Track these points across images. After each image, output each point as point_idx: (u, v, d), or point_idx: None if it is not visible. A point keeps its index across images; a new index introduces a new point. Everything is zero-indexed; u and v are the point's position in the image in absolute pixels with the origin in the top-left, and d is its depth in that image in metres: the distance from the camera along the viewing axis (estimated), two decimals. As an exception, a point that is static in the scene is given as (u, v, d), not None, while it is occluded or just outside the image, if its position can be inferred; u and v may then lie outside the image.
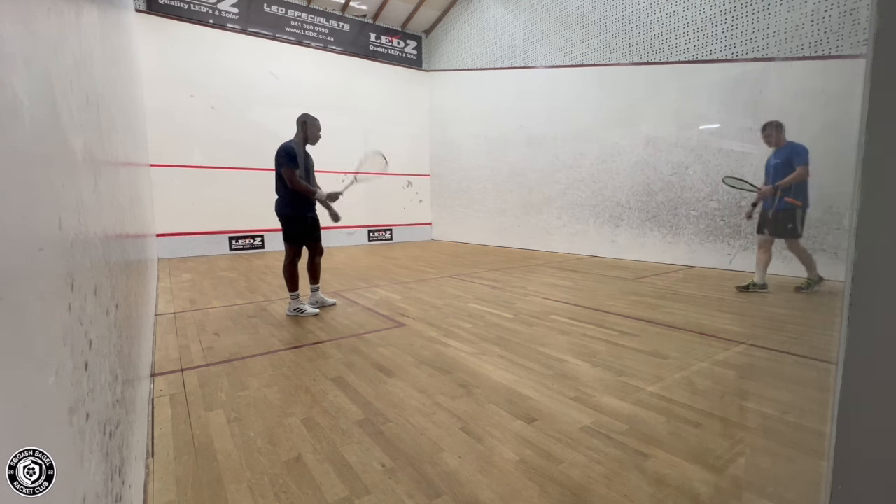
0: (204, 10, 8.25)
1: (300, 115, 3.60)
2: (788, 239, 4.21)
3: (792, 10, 4.98)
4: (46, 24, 0.63)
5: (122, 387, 1.12)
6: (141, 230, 3.07)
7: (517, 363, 2.46)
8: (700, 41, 5.89)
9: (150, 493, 1.38)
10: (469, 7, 9.89)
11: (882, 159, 0.42)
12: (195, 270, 6.29)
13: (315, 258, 3.85)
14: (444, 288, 4.73)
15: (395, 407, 1.94)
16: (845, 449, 0.45)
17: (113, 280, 1.16)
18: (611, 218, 7.20)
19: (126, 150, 2.29)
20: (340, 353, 2.66)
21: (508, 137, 9.08)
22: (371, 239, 10.53)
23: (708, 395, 2.01)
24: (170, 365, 2.51)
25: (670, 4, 6.18)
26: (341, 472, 1.47)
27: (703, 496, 1.33)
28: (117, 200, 1.53)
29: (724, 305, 3.76)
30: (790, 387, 2.14)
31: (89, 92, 1.03)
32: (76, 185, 0.77)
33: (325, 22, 9.69)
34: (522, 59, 8.69)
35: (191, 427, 1.79)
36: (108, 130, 1.40)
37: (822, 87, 4.75)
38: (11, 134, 0.45)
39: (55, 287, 0.57)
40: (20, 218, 0.46)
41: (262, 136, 8.78)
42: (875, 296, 0.43)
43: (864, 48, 0.42)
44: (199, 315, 3.66)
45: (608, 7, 7.00)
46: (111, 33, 1.93)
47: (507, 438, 1.67)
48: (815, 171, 4.87)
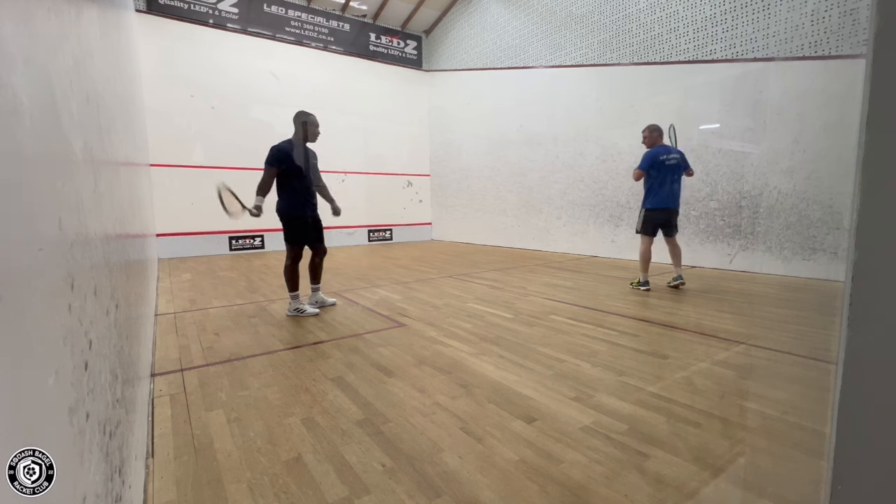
0: (204, 10, 8.25)
1: (298, 114, 3.60)
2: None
3: (792, 10, 4.98)
4: (46, 24, 0.63)
5: (122, 387, 1.12)
6: (141, 230, 3.07)
7: (517, 363, 2.46)
8: (700, 41, 5.89)
9: (150, 493, 1.38)
10: (469, 7, 9.88)
11: (882, 159, 0.42)
12: (195, 270, 6.29)
13: (315, 258, 3.83)
14: (444, 288, 4.73)
15: (395, 407, 1.94)
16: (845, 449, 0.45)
17: (113, 280, 1.16)
18: (611, 218, 7.20)
19: (126, 150, 2.29)
20: (340, 353, 2.66)
21: (508, 137, 9.08)
22: (371, 239, 10.53)
23: (708, 395, 2.01)
24: (170, 365, 2.51)
25: (670, 4, 6.18)
26: (341, 472, 1.47)
27: (704, 496, 1.33)
28: (117, 200, 1.53)
29: (724, 305, 3.76)
30: (790, 387, 2.14)
31: (89, 92, 1.03)
32: (76, 185, 0.77)
33: (325, 22, 9.69)
34: (522, 59, 8.69)
35: (191, 427, 1.79)
36: (108, 130, 1.40)
37: (822, 87, 4.75)
38: (11, 134, 0.45)
39: (55, 287, 0.57)
40: (20, 218, 0.46)
41: (262, 137, 8.78)
42: (875, 296, 0.43)
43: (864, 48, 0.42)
44: (199, 315, 3.66)
45: (608, 7, 7.00)
46: (111, 33, 1.93)
47: (507, 438, 1.67)
48: (815, 170, 4.88)
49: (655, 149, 4.43)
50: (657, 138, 4.49)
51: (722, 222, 5.75)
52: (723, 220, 5.74)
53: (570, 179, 7.81)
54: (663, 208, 4.44)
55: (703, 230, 5.96)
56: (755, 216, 5.43)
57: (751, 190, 5.44)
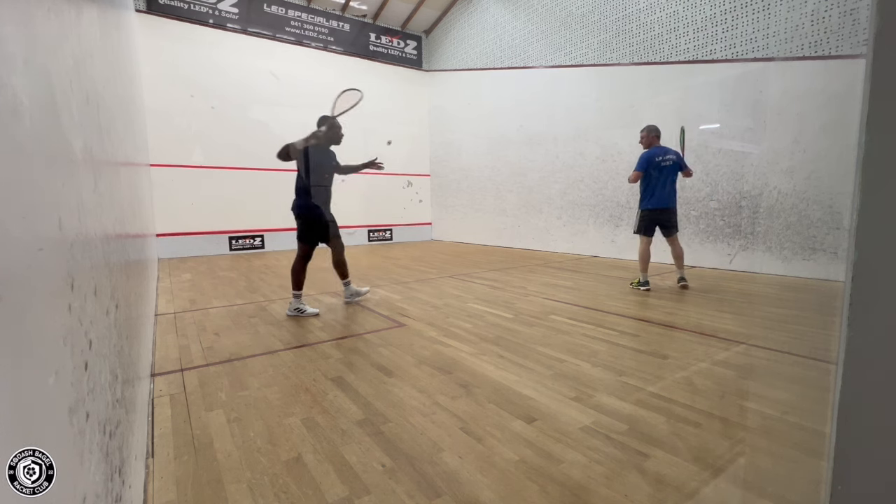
0: (204, 10, 8.25)
1: (328, 118, 3.76)
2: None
3: (792, 10, 4.98)
4: (46, 24, 0.63)
5: (122, 387, 1.12)
6: (141, 230, 3.07)
7: (517, 363, 2.46)
8: (700, 41, 5.89)
9: (150, 493, 1.38)
10: (469, 7, 9.88)
11: (882, 159, 0.42)
12: (195, 270, 6.29)
13: (333, 256, 3.90)
14: (444, 288, 4.73)
15: (395, 407, 1.94)
16: (845, 449, 0.45)
17: (113, 280, 1.16)
18: (611, 218, 7.20)
19: (126, 150, 2.29)
20: (340, 353, 2.66)
21: (508, 137, 9.08)
22: (371, 239, 10.53)
23: (708, 395, 2.01)
24: (170, 365, 2.51)
25: (670, 4, 6.18)
26: (341, 472, 1.47)
27: (704, 496, 1.33)
28: (117, 200, 1.53)
29: (724, 305, 3.76)
30: (790, 387, 2.14)
31: (89, 92, 1.03)
32: (76, 185, 0.77)
33: (325, 22, 9.69)
34: (522, 59, 8.69)
35: (191, 427, 1.79)
36: (108, 130, 1.40)
37: (822, 87, 4.76)
38: (11, 134, 0.45)
39: (55, 287, 0.57)
40: (20, 218, 0.46)
41: (262, 136, 8.80)
42: (875, 296, 0.43)
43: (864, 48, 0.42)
44: (199, 315, 3.66)
45: (608, 7, 7.00)
46: (111, 33, 1.93)
47: (507, 438, 1.67)
48: (815, 170, 4.88)
49: (652, 150, 4.47)
50: (654, 139, 4.52)
51: (722, 222, 5.75)
52: (723, 220, 5.74)
53: (570, 179, 7.81)
54: (661, 208, 4.46)
55: (703, 230, 5.96)
56: (755, 216, 5.43)
57: (751, 190, 5.44)
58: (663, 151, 4.42)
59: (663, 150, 4.43)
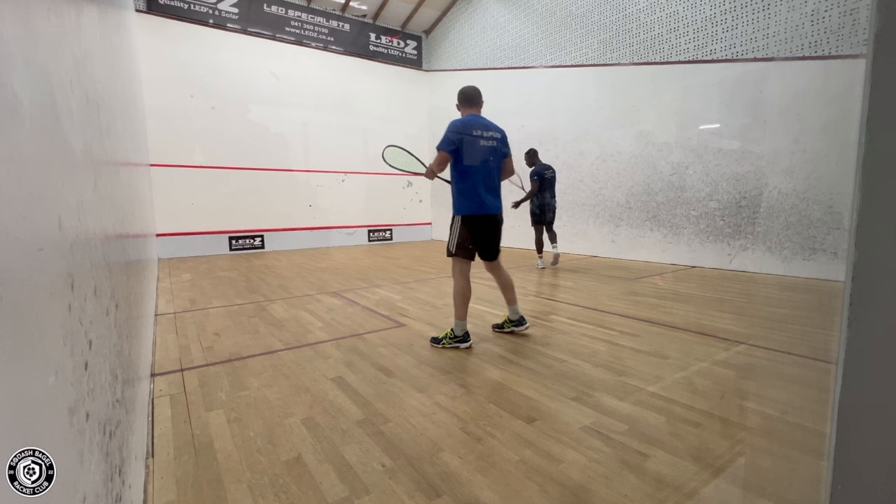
0: (204, 10, 8.25)
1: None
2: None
3: (792, 10, 4.98)
4: (46, 24, 0.63)
5: (122, 387, 1.12)
6: (141, 230, 3.07)
7: (517, 363, 2.46)
8: (700, 41, 5.89)
9: (150, 493, 1.38)
10: (469, 7, 9.88)
11: (882, 159, 0.42)
12: (195, 270, 6.29)
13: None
14: (444, 288, 4.73)
15: (395, 407, 1.94)
16: (845, 449, 0.45)
17: (113, 280, 1.16)
18: (611, 218, 7.20)
19: (126, 150, 2.29)
20: (340, 353, 2.66)
21: (508, 137, 9.06)
22: (371, 239, 10.53)
23: (708, 395, 2.01)
24: (170, 365, 2.51)
25: (670, 4, 6.18)
26: (341, 472, 1.47)
27: (704, 496, 1.33)
28: (117, 200, 1.53)
29: (724, 305, 3.76)
30: (790, 387, 2.14)
31: (89, 92, 1.03)
32: (76, 185, 0.77)
33: (325, 22, 9.69)
34: (522, 59, 8.68)
35: (191, 427, 1.79)
36: (108, 130, 1.40)
37: (822, 87, 4.75)
38: (11, 134, 0.45)
39: (55, 287, 0.57)
40: (20, 218, 0.46)
41: (262, 136, 8.80)
42: (875, 296, 0.43)
43: (864, 48, 0.42)
44: (199, 315, 3.65)
45: (608, 7, 7.00)
46: (111, 33, 1.93)
47: (507, 438, 1.67)
48: (815, 170, 4.88)
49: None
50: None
51: (722, 222, 5.75)
52: (723, 220, 5.74)
53: (570, 179, 7.81)
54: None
55: (703, 230, 5.96)
56: (755, 216, 5.43)
57: (751, 190, 5.44)
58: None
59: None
